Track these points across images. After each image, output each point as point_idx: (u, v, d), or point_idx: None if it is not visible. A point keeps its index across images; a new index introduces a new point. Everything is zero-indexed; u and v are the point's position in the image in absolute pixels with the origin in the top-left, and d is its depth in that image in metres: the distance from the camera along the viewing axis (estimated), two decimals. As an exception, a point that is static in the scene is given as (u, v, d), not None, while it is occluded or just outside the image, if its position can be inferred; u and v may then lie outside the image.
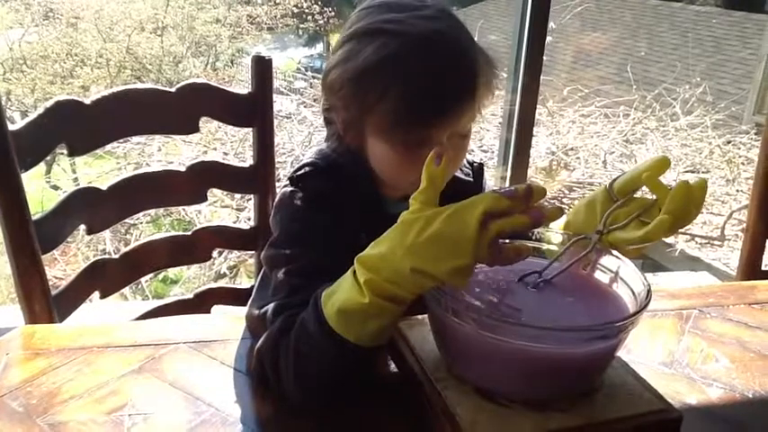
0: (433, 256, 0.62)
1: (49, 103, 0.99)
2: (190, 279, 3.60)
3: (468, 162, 0.99)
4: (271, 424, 0.73)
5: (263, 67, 1.18)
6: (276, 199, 0.90)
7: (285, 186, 0.89)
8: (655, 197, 0.76)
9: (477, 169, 1.00)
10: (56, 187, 4.27)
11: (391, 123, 0.80)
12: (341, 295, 0.68)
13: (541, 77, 1.92)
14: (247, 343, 0.85)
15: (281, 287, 0.80)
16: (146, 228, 3.77)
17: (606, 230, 0.75)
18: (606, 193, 0.81)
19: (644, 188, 0.79)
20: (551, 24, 1.87)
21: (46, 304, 0.98)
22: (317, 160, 0.89)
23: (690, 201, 0.72)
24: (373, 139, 0.84)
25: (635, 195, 0.80)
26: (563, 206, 3.78)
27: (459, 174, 0.96)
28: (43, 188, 4.12)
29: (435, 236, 0.62)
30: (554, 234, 0.80)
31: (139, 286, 3.40)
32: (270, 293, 0.82)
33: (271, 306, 0.78)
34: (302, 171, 0.88)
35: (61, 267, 3.38)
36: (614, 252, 0.76)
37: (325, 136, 0.94)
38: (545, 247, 0.79)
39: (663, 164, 0.77)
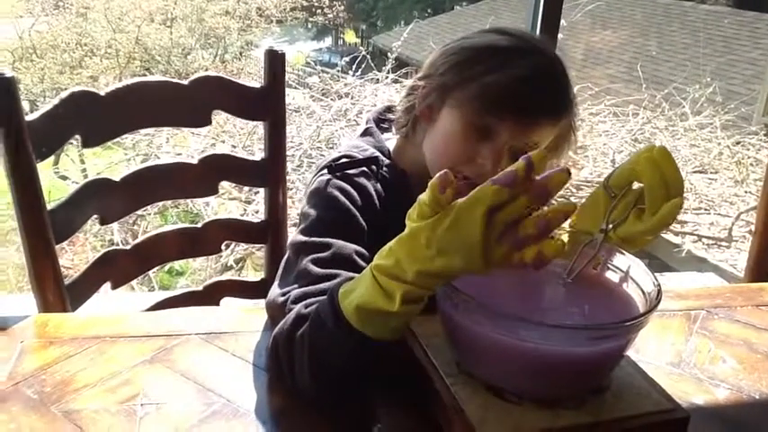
0: (446, 264, 0.61)
1: (64, 95, 1.00)
2: (196, 271, 3.62)
3: None
4: (282, 416, 0.73)
5: (275, 62, 1.19)
6: (311, 186, 0.92)
7: (321, 175, 0.91)
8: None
9: None
10: (64, 177, 4.28)
11: (476, 103, 0.86)
12: (360, 295, 0.67)
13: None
14: (258, 336, 0.86)
15: (305, 275, 0.81)
16: (153, 219, 3.78)
17: (610, 228, 0.75)
18: (604, 190, 0.80)
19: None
20: (562, 22, 1.86)
21: (59, 293, 0.99)
22: (354, 152, 0.94)
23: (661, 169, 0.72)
24: (449, 113, 0.89)
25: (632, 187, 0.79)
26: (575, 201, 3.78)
27: None
28: (51, 178, 4.14)
29: (444, 246, 0.61)
30: (565, 233, 0.80)
31: (146, 277, 3.41)
32: (292, 279, 0.83)
33: (293, 293, 0.78)
34: (341, 161, 0.92)
35: (69, 257, 3.40)
36: (624, 251, 0.76)
37: (361, 131, 1.00)
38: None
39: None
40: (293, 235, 0.88)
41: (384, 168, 0.94)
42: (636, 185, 0.78)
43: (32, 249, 0.97)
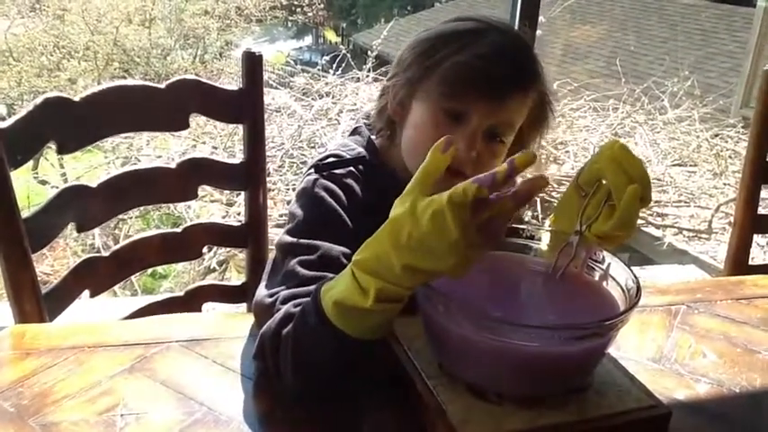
0: (426, 257, 0.62)
1: (38, 101, 0.99)
2: (179, 274, 3.59)
3: None
4: (264, 423, 0.73)
5: (253, 63, 1.18)
6: (299, 187, 0.92)
7: (309, 174, 0.92)
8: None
9: None
10: (43, 182, 4.24)
11: (441, 88, 0.87)
12: (339, 291, 0.68)
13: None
14: (239, 342, 0.85)
15: (292, 276, 0.81)
16: (134, 222, 3.75)
17: (585, 228, 0.74)
18: (575, 189, 0.79)
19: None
20: (540, 18, 1.87)
21: (36, 303, 0.98)
22: (342, 151, 0.94)
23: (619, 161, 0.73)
24: (419, 105, 0.90)
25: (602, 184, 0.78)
26: (552, 200, 3.80)
27: None
28: (30, 183, 4.09)
29: (424, 238, 0.61)
30: (545, 232, 0.80)
31: (128, 281, 3.39)
32: (279, 280, 0.83)
33: (282, 294, 0.79)
34: (328, 160, 0.92)
35: (49, 263, 3.36)
36: (602, 250, 0.76)
37: (351, 131, 1.01)
38: (536, 246, 0.80)
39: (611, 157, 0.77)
40: (280, 235, 0.88)
41: (372, 168, 0.94)
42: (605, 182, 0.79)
43: (8, 259, 0.95)
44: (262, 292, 0.83)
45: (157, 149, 3.94)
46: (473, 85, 0.86)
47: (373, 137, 1.00)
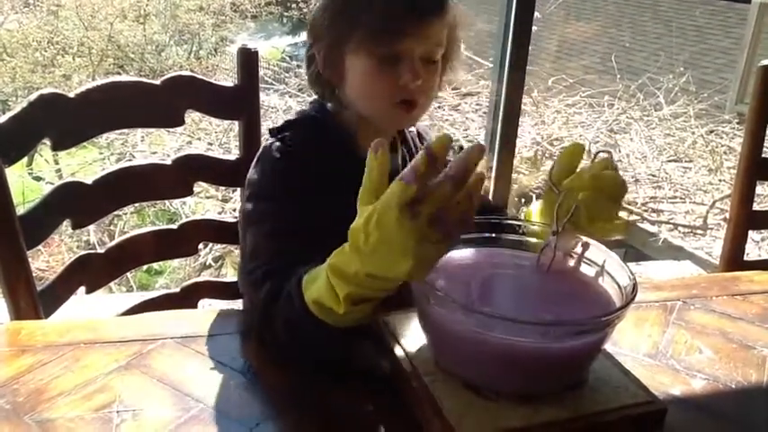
0: (382, 263, 0.63)
1: (32, 97, 0.98)
2: (175, 270, 3.59)
3: (460, 147, 1.09)
4: (260, 420, 0.73)
5: (248, 59, 1.17)
6: (257, 155, 0.95)
7: (267, 140, 0.96)
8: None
9: (458, 150, 1.05)
10: (38, 178, 4.22)
11: (369, 37, 0.89)
12: (317, 289, 0.70)
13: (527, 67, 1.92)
14: (235, 338, 0.85)
15: (262, 251, 0.85)
16: (130, 218, 3.74)
17: (561, 228, 0.74)
18: (550, 188, 0.80)
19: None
20: (536, 14, 1.87)
21: (31, 300, 0.97)
22: (297, 117, 0.99)
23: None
24: (352, 59, 0.92)
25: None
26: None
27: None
28: (25, 179, 4.08)
29: (376, 245, 0.62)
30: (538, 228, 0.81)
31: (124, 278, 3.38)
32: (248, 254, 0.87)
33: (260, 271, 0.82)
34: (283, 123, 0.96)
35: (45, 259, 3.35)
36: (601, 246, 0.76)
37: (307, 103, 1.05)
38: (530, 241, 0.80)
39: (576, 151, 0.81)
40: (242, 203, 0.92)
41: (324, 129, 0.97)
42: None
43: (3, 256, 0.94)
44: (241, 269, 0.89)
45: (153, 146, 3.93)
46: (397, 22, 0.89)
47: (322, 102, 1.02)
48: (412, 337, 0.76)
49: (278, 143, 0.93)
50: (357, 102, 0.95)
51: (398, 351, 0.75)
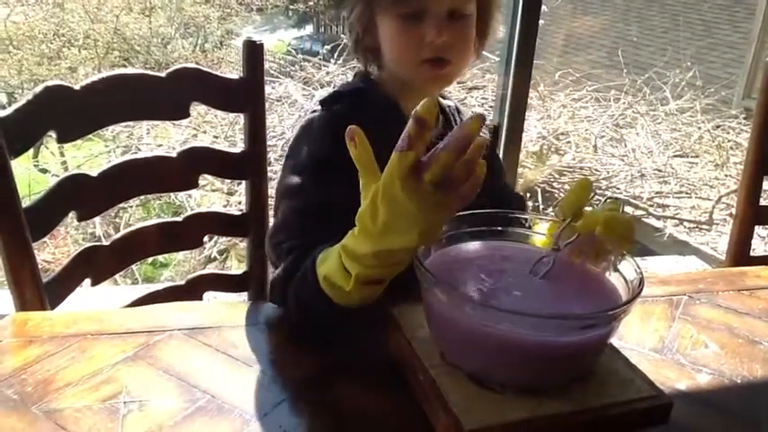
0: (394, 236, 0.66)
1: (37, 89, 0.98)
2: (180, 263, 3.59)
3: (494, 126, 1.11)
4: (267, 411, 0.73)
5: (254, 52, 1.17)
6: (301, 124, 0.96)
7: (314, 112, 0.96)
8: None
9: (493, 130, 1.09)
10: (44, 170, 4.23)
11: None
12: (328, 267, 0.73)
13: (533, 62, 1.91)
14: (241, 330, 0.86)
15: (292, 225, 0.88)
16: (135, 211, 3.75)
17: (561, 247, 0.74)
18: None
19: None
20: (543, 8, 1.86)
21: (37, 291, 0.98)
22: (342, 89, 0.99)
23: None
24: (382, 22, 0.92)
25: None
26: (554, 190, 3.79)
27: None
28: (31, 171, 4.09)
29: (386, 219, 0.65)
30: (541, 222, 0.81)
31: (129, 270, 3.39)
32: (279, 223, 0.89)
33: (285, 245, 0.85)
34: (331, 93, 0.97)
35: (50, 251, 3.37)
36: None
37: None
38: (537, 235, 0.80)
39: (584, 187, 0.76)
40: (282, 172, 0.93)
41: (370, 98, 0.97)
42: None
43: (9, 248, 0.95)
44: (268, 240, 0.90)
45: (158, 138, 3.94)
46: None
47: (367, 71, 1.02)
48: (418, 329, 0.76)
49: (324, 114, 0.94)
50: (391, 63, 0.96)
51: (403, 343, 0.75)
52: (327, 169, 0.88)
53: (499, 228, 0.80)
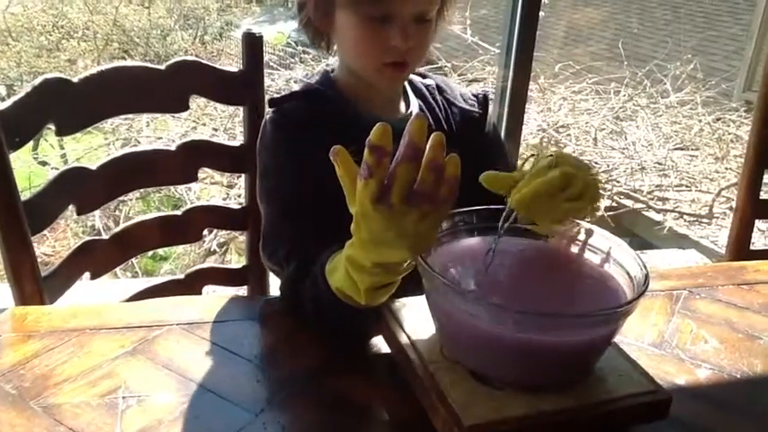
0: (383, 253, 0.66)
1: (36, 82, 0.98)
2: (179, 256, 3.59)
3: (473, 94, 1.06)
4: (266, 406, 0.73)
5: (253, 45, 1.17)
6: (261, 127, 0.96)
7: (268, 114, 0.96)
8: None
9: (482, 100, 1.05)
10: (44, 163, 4.22)
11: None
12: (338, 279, 0.73)
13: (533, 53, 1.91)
14: (240, 325, 0.86)
15: (280, 230, 0.89)
16: (135, 204, 3.74)
17: (502, 231, 0.71)
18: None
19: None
20: (543, -1, 1.85)
21: (36, 285, 0.98)
22: (298, 89, 0.98)
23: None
24: (343, 14, 0.89)
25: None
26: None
27: (464, 105, 1.03)
28: (31, 164, 4.08)
29: (372, 239, 0.65)
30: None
31: (129, 263, 3.38)
32: (266, 231, 0.90)
33: (281, 252, 0.86)
34: (284, 95, 0.96)
35: (50, 244, 3.36)
36: (606, 233, 0.76)
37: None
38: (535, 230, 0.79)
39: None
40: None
41: (323, 96, 0.95)
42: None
43: (8, 241, 0.95)
44: (262, 250, 0.91)
45: (157, 131, 3.93)
46: None
47: (327, 68, 1.01)
48: (417, 324, 0.76)
49: (274, 116, 0.94)
50: (346, 58, 0.95)
51: (403, 339, 0.75)
52: (286, 170, 0.90)
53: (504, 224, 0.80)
